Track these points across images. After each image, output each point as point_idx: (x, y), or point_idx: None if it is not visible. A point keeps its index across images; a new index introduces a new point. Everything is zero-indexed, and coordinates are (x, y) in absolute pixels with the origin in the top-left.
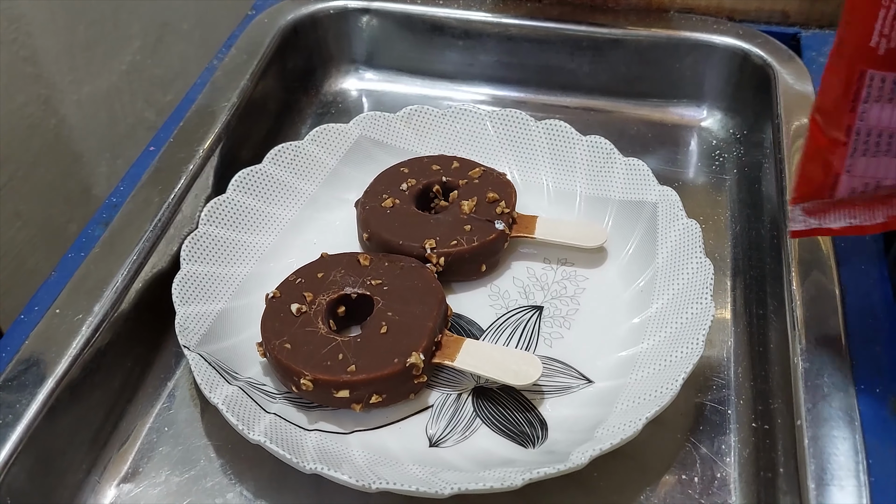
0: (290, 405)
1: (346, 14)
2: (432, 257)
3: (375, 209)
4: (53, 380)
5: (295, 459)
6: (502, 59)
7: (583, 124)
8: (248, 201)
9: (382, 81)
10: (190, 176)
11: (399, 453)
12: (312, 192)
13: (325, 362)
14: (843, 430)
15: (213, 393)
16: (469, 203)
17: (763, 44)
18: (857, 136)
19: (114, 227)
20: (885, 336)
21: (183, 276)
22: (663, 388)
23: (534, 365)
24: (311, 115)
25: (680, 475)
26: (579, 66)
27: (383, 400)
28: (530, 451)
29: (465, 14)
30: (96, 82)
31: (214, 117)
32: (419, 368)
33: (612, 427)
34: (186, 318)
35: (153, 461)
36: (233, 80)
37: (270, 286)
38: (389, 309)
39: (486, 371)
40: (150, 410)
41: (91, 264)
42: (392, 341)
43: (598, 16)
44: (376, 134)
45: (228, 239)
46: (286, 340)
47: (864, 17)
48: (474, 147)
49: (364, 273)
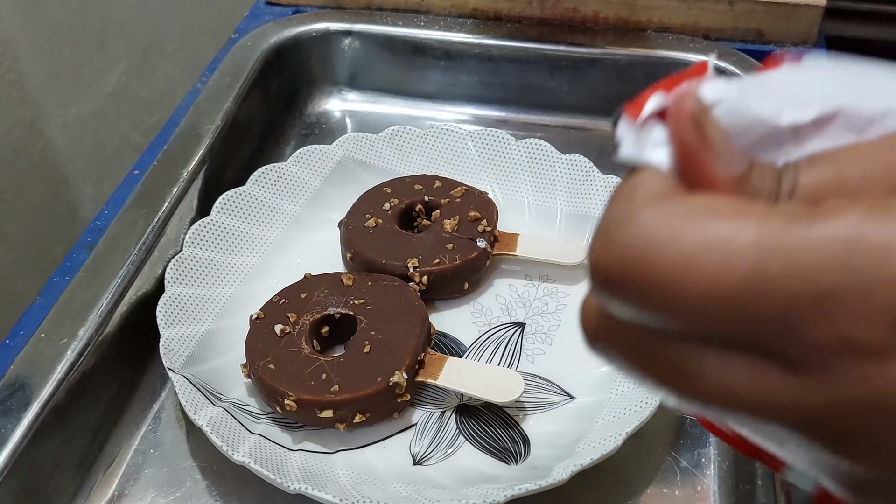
0: (274, 425)
1: (329, 36)
2: (415, 276)
3: (359, 229)
4: (38, 404)
5: (279, 480)
6: (483, 79)
7: (563, 142)
8: (233, 223)
9: (365, 102)
10: (174, 199)
11: (383, 472)
12: (296, 213)
13: (309, 382)
14: None
15: (197, 415)
16: (451, 222)
17: (739, 62)
18: None
19: (98, 251)
20: None
21: (167, 298)
22: (643, 402)
23: (516, 382)
24: (295, 137)
25: (661, 488)
26: (559, 86)
27: (367, 419)
28: (513, 467)
29: (446, 35)
30: (82, 105)
31: (198, 140)
32: (402, 387)
33: (593, 442)
34: (171, 340)
35: (139, 483)
36: (216, 103)
37: (255, 307)
38: (372, 328)
39: (468, 389)
40: (135, 433)
41: (76, 288)
42: (375, 360)
43: (577, 35)
44: (359, 154)
45: (213, 261)
46: (270, 361)
47: None
48: (456, 166)
49: (347, 293)
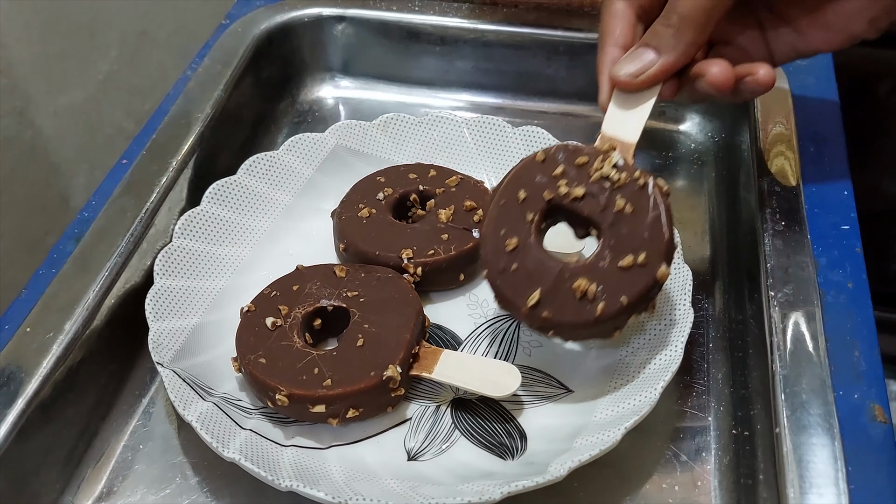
0: (266, 420)
1: (321, 22)
2: (409, 267)
3: (352, 219)
4: (24, 400)
5: (270, 477)
6: (479, 64)
7: (561, 130)
8: (223, 213)
9: (359, 89)
10: (163, 189)
11: (377, 468)
12: (288, 203)
13: (301, 377)
14: (822, 438)
15: (186, 410)
16: (446, 212)
17: None
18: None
19: (85, 243)
20: (864, 341)
21: (156, 291)
22: (643, 396)
23: (512, 375)
24: (288, 125)
25: (660, 483)
26: (556, 71)
27: (360, 414)
28: (509, 462)
29: (441, 20)
30: (73, 93)
31: (188, 129)
32: (396, 381)
33: (591, 437)
34: (160, 333)
35: (128, 480)
36: (206, 90)
37: (246, 299)
38: (366, 321)
39: (464, 382)
40: (124, 428)
41: (62, 281)
42: (368, 354)
43: (575, 20)
44: (352, 143)
45: (203, 252)
46: (261, 355)
47: None
48: (452, 155)
49: (340, 285)
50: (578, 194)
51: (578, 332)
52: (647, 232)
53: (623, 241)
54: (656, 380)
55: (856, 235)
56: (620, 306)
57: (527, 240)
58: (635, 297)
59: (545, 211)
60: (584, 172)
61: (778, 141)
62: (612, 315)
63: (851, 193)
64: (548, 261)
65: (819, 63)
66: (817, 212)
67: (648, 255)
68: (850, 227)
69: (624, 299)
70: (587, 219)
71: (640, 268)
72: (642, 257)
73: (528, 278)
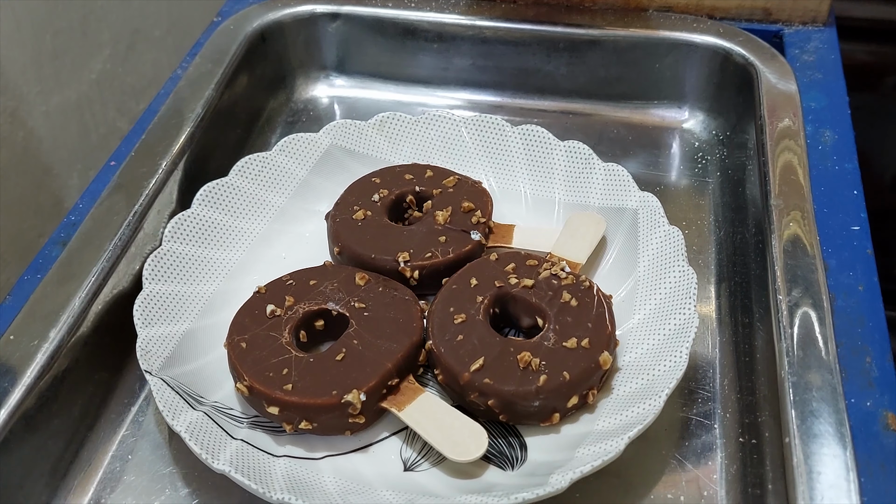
0: (258, 430)
1: (315, 19)
2: (406, 271)
3: (346, 221)
4: (6, 411)
5: (261, 490)
6: (477, 62)
7: (561, 128)
8: (214, 216)
9: (354, 88)
10: (152, 191)
11: (372, 479)
12: (281, 205)
13: (268, 373)
14: (834, 448)
15: (175, 420)
16: (444, 213)
17: (745, 42)
18: None
19: (72, 247)
20: (876, 347)
21: (145, 296)
22: (646, 404)
23: (477, 443)
24: (282, 124)
25: (665, 493)
26: (556, 69)
27: (314, 429)
28: (510, 473)
29: (438, 17)
30: (65, 92)
31: (178, 129)
32: (356, 408)
33: (593, 446)
34: (149, 340)
35: (116, 491)
36: (197, 89)
37: (238, 304)
38: (358, 336)
39: (425, 432)
40: (112, 438)
41: (48, 287)
42: (342, 371)
43: (575, 16)
44: (347, 142)
45: (193, 256)
46: (245, 339)
47: None
48: (449, 154)
49: (354, 292)
50: (528, 284)
51: (518, 403)
52: (591, 323)
53: (568, 327)
54: (661, 387)
55: (866, 237)
56: (562, 380)
57: (475, 317)
58: (577, 375)
59: (495, 297)
60: (533, 270)
61: (785, 138)
62: (552, 388)
63: (861, 193)
64: (494, 337)
65: (826, 59)
66: (826, 212)
67: (592, 341)
68: (860, 228)
69: (566, 375)
70: (534, 306)
71: (583, 350)
72: (586, 342)
73: (472, 348)
